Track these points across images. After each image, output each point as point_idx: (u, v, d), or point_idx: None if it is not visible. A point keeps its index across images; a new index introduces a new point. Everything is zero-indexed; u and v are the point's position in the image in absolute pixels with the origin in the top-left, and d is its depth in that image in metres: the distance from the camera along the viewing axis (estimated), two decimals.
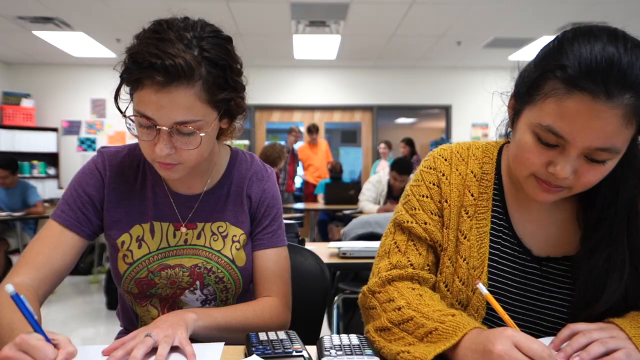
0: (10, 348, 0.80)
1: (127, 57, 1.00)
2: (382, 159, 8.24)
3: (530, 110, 0.91)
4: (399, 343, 0.95)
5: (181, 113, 1.01)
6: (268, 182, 1.30)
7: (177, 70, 0.97)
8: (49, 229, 1.17)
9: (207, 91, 1.03)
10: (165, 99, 0.99)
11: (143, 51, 0.97)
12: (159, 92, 0.98)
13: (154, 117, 1.01)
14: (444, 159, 1.14)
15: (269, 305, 1.22)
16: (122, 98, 1.09)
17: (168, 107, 1.00)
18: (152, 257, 1.20)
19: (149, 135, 1.05)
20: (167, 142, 1.04)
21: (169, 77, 0.97)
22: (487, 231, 1.07)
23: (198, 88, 1.01)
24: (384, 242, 1.17)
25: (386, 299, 1.04)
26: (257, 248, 1.28)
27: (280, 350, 0.90)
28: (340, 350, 0.89)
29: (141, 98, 1.01)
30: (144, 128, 1.05)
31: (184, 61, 0.97)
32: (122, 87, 1.07)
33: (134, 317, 1.30)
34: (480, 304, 1.04)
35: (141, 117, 1.03)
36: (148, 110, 1.01)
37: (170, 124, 1.02)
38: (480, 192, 1.09)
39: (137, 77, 0.98)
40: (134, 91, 1.02)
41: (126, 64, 1.01)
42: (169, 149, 1.04)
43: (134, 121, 1.06)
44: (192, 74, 0.99)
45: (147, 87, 0.99)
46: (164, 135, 1.03)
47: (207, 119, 1.06)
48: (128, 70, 1.00)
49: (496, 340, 0.79)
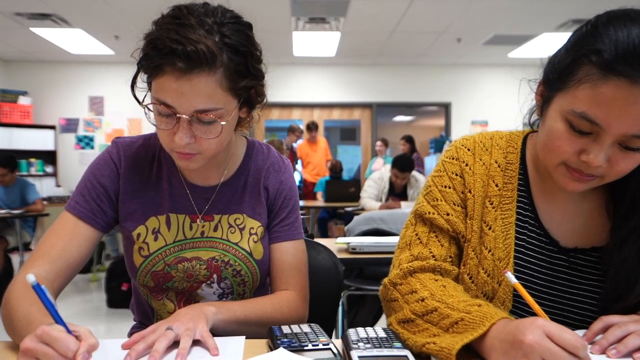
0: (31, 340, 0.78)
1: (146, 43, 0.97)
2: (379, 157, 8.23)
3: (563, 97, 0.89)
4: (423, 334, 0.92)
5: (202, 101, 0.99)
6: (285, 173, 1.28)
7: (199, 57, 0.94)
8: (64, 221, 1.14)
9: (228, 78, 1.00)
10: (186, 86, 0.96)
11: (163, 37, 0.94)
12: (180, 79, 0.96)
13: (174, 105, 0.98)
14: (467, 149, 1.12)
15: (287, 299, 1.20)
16: (138, 87, 1.06)
17: (189, 94, 0.97)
18: (169, 250, 1.18)
19: (168, 124, 1.02)
20: (187, 131, 1.01)
21: (190, 63, 0.94)
22: (513, 222, 1.05)
23: (219, 75, 0.99)
24: (404, 234, 1.15)
25: (408, 290, 1.02)
26: (274, 241, 1.25)
27: (307, 343, 0.88)
28: (369, 343, 0.86)
29: (161, 85, 0.98)
30: (163, 116, 1.02)
31: (206, 47, 0.94)
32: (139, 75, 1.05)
33: (150, 311, 1.28)
34: (507, 296, 1.01)
35: (160, 105, 1.00)
36: (168, 97, 0.98)
37: (190, 112, 0.99)
38: (505, 182, 1.07)
39: (157, 63, 0.95)
40: (153, 78, 0.99)
41: (145, 51, 0.98)
42: (188, 138, 1.02)
43: (151, 110, 1.03)
44: (214, 60, 0.96)
45: (167, 74, 0.96)
46: (184, 123, 1.00)
47: (228, 107, 1.04)
48: (147, 57, 0.97)
49: (527, 330, 0.76)
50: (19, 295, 0.99)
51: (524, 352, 0.74)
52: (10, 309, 0.98)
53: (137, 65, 1.02)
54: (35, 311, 0.93)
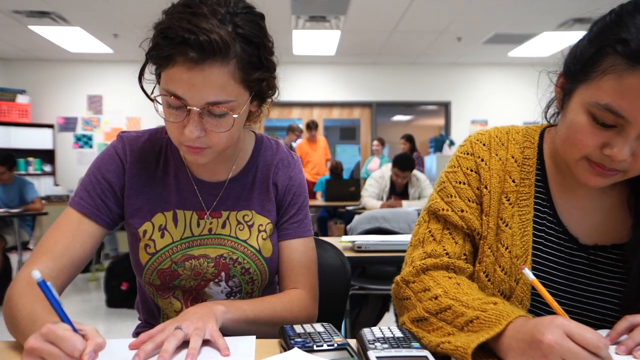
0: (36, 338, 0.75)
1: (157, 32, 0.94)
2: (375, 156, 8.19)
3: (585, 89, 0.86)
4: (437, 333, 0.89)
5: (214, 93, 0.95)
6: (294, 169, 1.25)
7: (212, 47, 0.91)
8: (67, 217, 1.11)
9: (241, 70, 0.97)
10: (197, 77, 0.93)
11: (175, 26, 0.90)
12: (192, 69, 0.92)
13: (185, 96, 0.95)
14: (482, 144, 1.09)
15: (297, 297, 1.17)
16: (146, 79, 1.03)
17: (200, 85, 0.94)
18: (176, 247, 1.15)
19: (178, 117, 0.99)
20: (197, 124, 0.98)
21: (203, 53, 0.91)
22: (530, 218, 1.02)
23: (232, 66, 0.95)
24: (417, 231, 1.12)
25: (421, 288, 0.99)
26: (283, 238, 1.22)
27: (321, 343, 0.85)
28: (386, 344, 0.83)
29: (171, 76, 0.94)
30: (173, 109, 0.98)
31: (219, 37, 0.91)
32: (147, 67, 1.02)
33: (156, 310, 1.24)
34: (525, 294, 0.99)
35: (170, 97, 0.96)
36: (179, 89, 0.95)
37: (201, 104, 0.96)
38: (522, 178, 1.04)
39: (168, 53, 0.92)
40: (163, 69, 0.96)
41: (155, 40, 0.94)
42: (199, 131, 0.98)
43: (160, 102, 1.00)
44: (227, 50, 0.93)
45: (178, 65, 0.93)
46: (194, 116, 0.97)
47: (240, 100, 1.01)
48: (158, 47, 0.93)
49: (546, 329, 0.73)
50: (22, 293, 0.96)
51: (543, 352, 0.72)
52: (13, 306, 0.95)
53: (145, 55, 0.99)
54: (39, 309, 0.90)
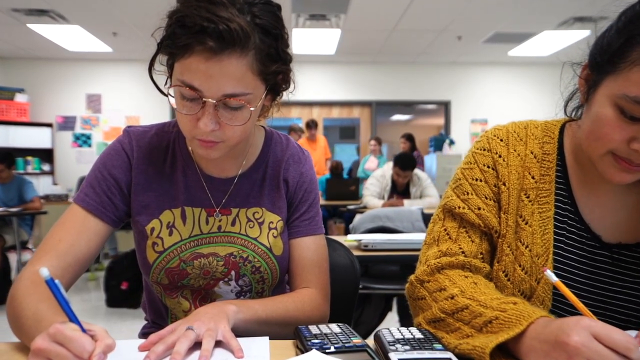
0: (44, 339, 0.71)
1: (173, 21, 0.90)
2: (372, 155, 8.16)
3: (613, 81, 0.83)
4: (455, 335, 0.86)
5: (231, 84, 0.92)
6: (305, 165, 1.22)
7: (232, 36, 0.87)
8: (72, 214, 1.08)
9: (259, 62, 0.94)
10: (215, 68, 0.90)
11: (193, 14, 0.87)
12: (210, 60, 0.89)
13: (201, 88, 0.92)
14: (499, 140, 1.05)
15: (309, 297, 1.14)
16: (156, 70, 0.99)
17: (217, 77, 0.90)
18: (184, 245, 1.11)
19: (192, 109, 0.95)
20: (212, 117, 0.94)
21: (222, 43, 0.88)
22: (551, 216, 0.99)
23: (250, 58, 0.92)
24: (432, 229, 1.09)
25: (436, 287, 0.96)
26: (294, 236, 1.19)
27: (340, 344, 0.82)
28: (407, 345, 0.80)
29: (187, 66, 0.91)
30: (187, 100, 0.95)
31: (239, 26, 0.88)
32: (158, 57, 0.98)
33: (163, 310, 1.21)
34: (546, 294, 0.96)
35: (185, 88, 0.93)
36: (195, 80, 0.91)
37: (218, 96, 0.93)
38: (542, 174, 1.01)
39: (185, 42, 0.88)
40: (178, 59, 0.92)
41: (171, 29, 0.90)
42: (213, 124, 0.95)
43: (172, 95, 0.97)
44: (247, 41, 0.90)
45: (195, 55, 0.89)
46: (210, 108, 0.94)
47: (256, 93, 0.98)
48: (174, 36, 0.90)
49: (572, 330, 0.69)
50: (26, 292, 0.93)
51: (569, 354, 0.68)
52: (17, 306, 0.91)
53: (157, 45, 0.95)
54: (45, 308, 0.87)
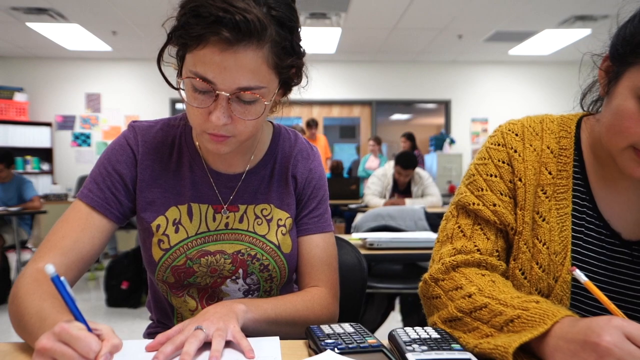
0: (48, 338, 0.69)
1: (186, 10, 0.87)
2: (372, 155, 8.13)
3: (636, 72, 0.81)
4: (473, 335, 0.84)
5: (246, 77, 0.89)
6: (314, 161, 1.19)
7: (249, 28, 0.84)
8: (76, 210, 1.05)
9: (275, 55, 0.91)
10: (230, 60, 0.87)
11: (208, 4, 0.84)
12: (225, 51, 0.86)
13: (215, 80, 0.89)
14: (514, 134, 1.03)
15: (319, 296, 1.11)
16: (165, 61, 0.96)
17: (232, 69, 0.88)
18: (191, 243, 1.08)
19: (204, 102, 0.92)
20: (225, 110, 0.91)
21: (238, 34, 0.85)
22: (569, 212, 0.97)
23: (266, 50, 0.89)
24: (444, 226, 1.06)
25: (452, 286, 0.94)
26: (303, 233, 1.16)
27: (354, 345, 0.79)
28: (424, 345, 0.78)
29: (201, 58, 0.88)
30: (199, 93, 0.92)
31: (256, 17, 0.85)
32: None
33: (169, 309, 1.18)
34: (565, 293, 0.93)
35: (197, 80, 0.90)
36: (209, 72, 0.88)
37: (232, 89, 0.90)
38: (559, 170, 0.99)
39: (199, 33, 0.85)
40: (191, 50, 0.89)
41: (184, 19, 0.87)
42: (226, 118, 0.92)
43: (182, 88, 0.94)
44: (263, 32, 0.87)
45: (210, 46, 0.86)
46: (223, 101, 0.91)
47: (270, 87, 0.95)
48: (187, 26, 0.86)
49: (602, 330, 0.67)
50: (29, 290, 0.90)
51: (599, 355, 0.66)
52: (20, 304, 0.89)
53: (167, 35, 0.92)
54: (49, 307, 0.84)
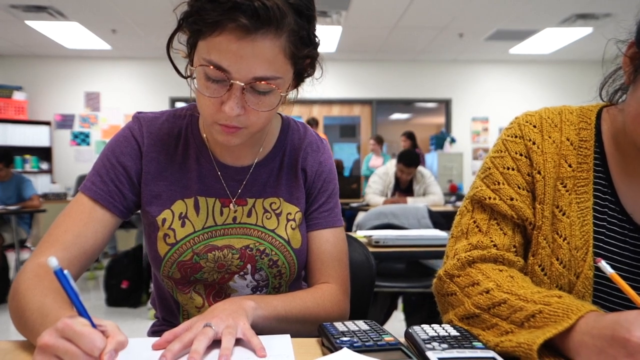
0: (51, 334, 0.65)
1: None
2: (374, 154, 8.10)
3: None
4: (493, 332, 0.80)
5: (263, 67, 0.86)
6: (324, 154, 1.15)
7: (268, 15, 0.81)
8: (79, 204, 1.01)
9: (292, 44, 0.88)
10: (247, 49, 0.83)
11: None
12: (242, 39, 0.82)
13: (230, 69, 0.85)
14: (532, 126, 0.99)
15: (329, 292, 1.08)
16: (174, 48, 0.93)
17: (249, 58, 0.84)
18: (198, 237, 1.05)
19: (217, 92, 0.88)
20: (238, 100, 0.88)
21: (256, 22, 0.81)
22: (590, 206, 0.93)
23: (284, 39, 0.86)
24: (459, 221, 1.03)
25: (468, 282, 0.90)
26: (312, 228, 1.13)
27: (371, 342, 0.76)
28: (444, 343, 0.74)
29: (216, 45, 0.84)
30: (212, 82, 0.88)
31: (275, 4, 0.81)
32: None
33: (175, 307, 1.15)
34: (587, 290, 0.90)
35: (211, 68, 0.86)
36: (224, 60, 0.84)
37: (247, 79, 0.86)
38: (579, 162, 0.95)
39: (215, 19, 0.81)
40: (205, 37, 0.85)
41: (198, 4, 0.84)
42: (239, 109, 0.88)
43: (193, 77, 0.90)
44: (282, 20, 0.83)
45: (226, 33, 0.82)
46: (237, 91, 0.87)
47: (286, 78, 0.92)
48: (203, 11, 0.83)
49: (632, 325, 0.64)
50: (30, 286, 0.87)
51: (629, 351, 0.63)
52: (21, 300, 0.85)
53: (178, 22, 0.88)
54: (50, 302, 0.81)
